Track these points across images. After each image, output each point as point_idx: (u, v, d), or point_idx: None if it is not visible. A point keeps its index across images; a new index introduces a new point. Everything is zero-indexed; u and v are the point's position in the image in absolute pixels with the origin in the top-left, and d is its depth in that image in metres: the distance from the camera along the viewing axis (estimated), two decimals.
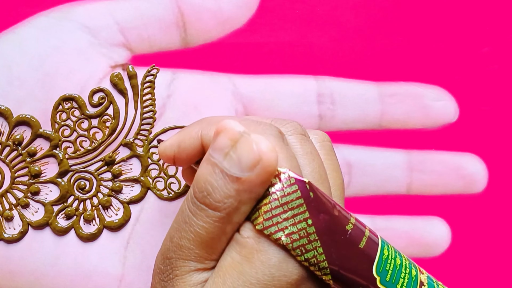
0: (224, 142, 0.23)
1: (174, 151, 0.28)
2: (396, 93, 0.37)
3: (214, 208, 0.23)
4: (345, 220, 0.23)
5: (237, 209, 0.23)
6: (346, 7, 0.36)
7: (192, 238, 0.23)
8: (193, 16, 0.35)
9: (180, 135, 0.28)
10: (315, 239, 0.22)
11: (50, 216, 0.34)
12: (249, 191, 0.22)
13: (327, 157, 0.28)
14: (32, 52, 0.33)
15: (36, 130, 0.33)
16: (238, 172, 0.22)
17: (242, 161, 0.22)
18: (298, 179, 0.23)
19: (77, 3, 0.34)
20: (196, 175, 0.23)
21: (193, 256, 0.24)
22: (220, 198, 0.23)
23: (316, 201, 0.23)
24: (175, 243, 0.24)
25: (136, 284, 0.34)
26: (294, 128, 0.27)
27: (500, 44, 0.38)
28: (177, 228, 0.24)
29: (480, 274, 0.38)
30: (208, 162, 0.23)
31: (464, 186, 0.38)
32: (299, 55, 0.36)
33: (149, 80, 0.34)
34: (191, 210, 0.23)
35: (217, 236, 0.23)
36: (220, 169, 0.23)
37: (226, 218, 0.23)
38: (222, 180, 0.23)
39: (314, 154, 0.26)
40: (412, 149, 0.37)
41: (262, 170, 0.22)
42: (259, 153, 0.22)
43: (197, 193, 0.23)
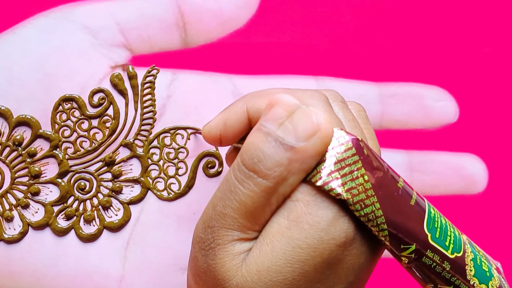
0: (279, 112, 0.23)
1: (220, 130, 0.28)
2: (396, 93, 0.37)
3: (263, 176, 0.22)
4: (396, 178, 0.24)
5: (285, 179, 0.22)
6: (346, 7, 0.36)
7: (236, 207, 0.23)
8: (193, 17, 0.35)
9: (224, 113, 0.28)
10: (372, 194, 0.23)
11: (50, 216, 0.34)
12: (301, 161, 0.22)
13: (364, 126, 0.28)
14: (33, 53, 0.33)
15: (36, 130, 0.33)
16: (293, 141, 0.22)
17: (298, 130, 0.22)
18: (352, 138, 0.23)
19: (78, 4, 0.34)
20: (246, 143, 0.23)
21: (237, 226, 0.23)
22: (271, 165, 0.22)
23: (370, 158, 0.23)
24: (218, 212, 0.24)
25: (136, 284, 0.34)
26: (335, 96, 0.27)
27: (500, 45, 0.38)
28: (221, 196, 0.24)
29: None
30: (259, 131, 0.23)
31: (464, 186, 0.38)
32: (299, 55, 0.36)
33: (149, 80, 0.34)
34: (238, 178, 0.23)
35: (262, 206, 0.23)
36: (274, 137, 0.22)
37: (273, 188, 0.23)
38: (275, 148, 0.22)
39: (355, 121, 0.26)
40: (412, 149, 0.37)
41: (319, 140, 0.22)
42: (318, 123, 0.22)
43: (246, 160, 0.23)
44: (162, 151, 0.35)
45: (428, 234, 0.24)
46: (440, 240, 0.24)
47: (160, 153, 0.35)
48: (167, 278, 0.35)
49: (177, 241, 0.35)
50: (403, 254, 0.24)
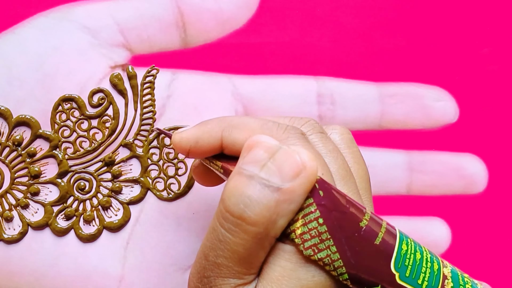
0: (260, 154, 0.22)
1: (190, 145, 0.27)
2: (396, 93, 0.37)
3: (252, 223, 0.22)
4: (360, 215, 0.23)
5: (274, 222, 0.22)
6: (346, 7, 0.36)
7: (229, 256, 0.23)
8: (193, 17, 0.35)
9: (198, 130, 0.27)
10: (327, 237, 0.22)
11: (49, 216, 0.34)
12: (289, 202, 0.22)
13: (348, 151, 0.28)
14: (32, 53, 0.33)
15: (35, 130, 0.33)
16: (279, 182, 0.22)
17: (283, 171, 0.22)
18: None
19: (77, 4, 0.34)
20: (227, 189, 0.23)
21: (232, 274, 0.23)
22: (259, 210, 0.22)
23: (327, 199, 0.22)
24: (211, 262, 0.23)
25: (136, 284, 0.34)
26: (313, 127, 0.27)
27: (500, 45, 0.38)
28: (211, 246, 0.23)
29: (480, 274, 0.38)
30: (241, 175, 0.22)
31: (464, 186, 0.38)
32: (299, 55, 0.36)
33: (149, 80, 0.34)
34: (225, 227, 0.22)
35: (255, 251, 0.22)
36: (257, 180, 0.22)
37: (263, 233, 0.22)
38: (261, 191, 0.22)
39: (336, 151, 0.26)
40: (412, 149, 0.37)
41: (305, 178, 0.22)
42: (302, 162, 0.22)
43: (231, 207, 0.22)
44: (162, 151, 0.35)
45: (395, 273, 0.23)
46: (410, 279, 0.23)
47: (160, 153, 0.35)
48: (167, 278, 0.34)
49: (177, 241, 0.35)
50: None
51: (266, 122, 0.26)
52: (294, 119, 0.27)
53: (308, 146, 0.24)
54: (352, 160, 0.27)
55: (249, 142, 0.23)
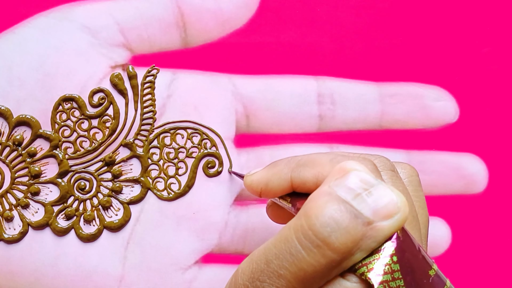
0: (355, 182, 0.22)
1: (261, 188, 0.28)
2: (396, 93, 0.37)
3: (333, 249, 0.21)
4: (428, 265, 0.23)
5: (352, 254, 0.21)
6: (346, 7, 0.36)
7: (295, 272, 0.22)
8: (193, 16, 0.35)
9: (268, 172, 0.28)
10: (399, 277, 0.21)
11: (50, 216, 0.34)
12: (373, 239, 0.21)
13: (415, 193, 0.27)
14: (32, 53, 0.33)
15: (36, 130, 0.33)
16: (371, 217, 0.21)
17: (378, 207, 0.21)
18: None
19: (77, 3, 0.34)
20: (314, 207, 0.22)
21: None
22: (345, 239, 0.21)
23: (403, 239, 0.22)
24: (272, 269, 0.22)
25: (136, 284, 0.34)
26: (384, 164, 0.26)
27: (500, 44, 0.38)
28: (277, 254, 0.22)
29: (480, 274, 0.38)
30: (331, 196, 0.22)
31: (464, 186, 0.38)
32: (299, 55, 0.36)
33: (149, 80, 0.34)
34: (303, 244, 0.21)
35: (320, 276, 0.22)
36: (349, 208, 0.21)
37: (338, 262, 0.21)
38: (351, 220, 0.21)
39: (406, 193, 0.25)
40: (412, 149, 0.37)
41: (397, 222, 0.21)
42: (399, 205, 0.21)
43: (317, 227, 0.21)
44: (162, 151, 0.35)
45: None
46: None
47: (160, 153, 0.35)
48: (167, 278, 0.35)
49: (177, 241, 0.35)
50: None
51: (336, 156, 0.25)
52: (364, 154, 0.27)
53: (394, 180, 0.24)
54: (417, 205, 0.27)
55: (343, 166, 0.23)
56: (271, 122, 0.36)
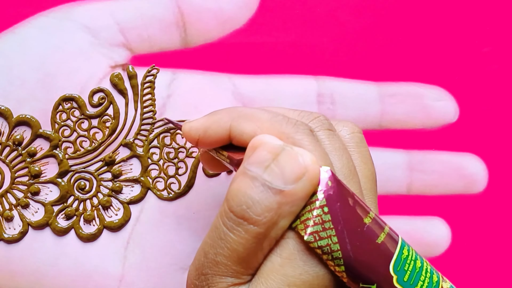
0: (264, 155, 0.23)
1: (199, 135, 0.28)
2: (396, 93, 0.37)
3: (253, 223, 0.22)
4: (364, 213, 0.23)
5: (276, 223, 0.22)
6: (346, 7, 0.36)
7: (228, 254, 0.23)
8: (193, 16, 0.35)
9: (207, 120, 0.27)
10: (330, 227, 0.22)
11: (50, 216, 0.34)
12: (291, 204, 0.22)
13: (356, 149, 0.28)
14: (32, 52, 0.33)
15: (36, 130, 0.33)
16: (282, 185, 0.22)
17: (286, 173, 0.22)
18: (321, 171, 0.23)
19: (77, 3, 0.34)
20: (232, 189, 0.23)
21: (230, 272, 0.23)
22: (261, 211, 0.22)
23: (334, 189, 0.23)
24: (210, 259, 0.23)
25: (136, 283, 0.34)
26: (322, 124, 0.27)
27: (500, 44, 0.38)
28: (211, 244, 0.23)
29: (480, 274, 0.38)
30: (245, 175, 0.23)
31: (464, 186, 0.38)
32: (299, 55, 0.36)
33: (149, 80, 0.34)
34: (227, 226, 0.23)
35: (254, 251, 0.23)
36: (261, 181, 0.22)
37: (264, 233, 0.22)
38: (263, 193, 0.22)
39: (343, 149, 0.26)
40: (412, 149, 0.37)
41: (307, 181, 0.22)
42: (305, 165, 0.22)
43: (234, 207, 0.23)
44: (162, 151, 0.35)
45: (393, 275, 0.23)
46: (408, 284, 0.23)
47: (160, 152, 0.35)
48: (167, 278, 0.35)
49: (177, 241, 0.35)
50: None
51: (276, 115, 0.26)
52: (304, 113, 0.27)
53: (314, 143, 0.24)
54: (359, 160, 0.27)
55: (253, 142, 0.23)
56: None
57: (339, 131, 0.28)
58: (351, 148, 0.28)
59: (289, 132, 0.24)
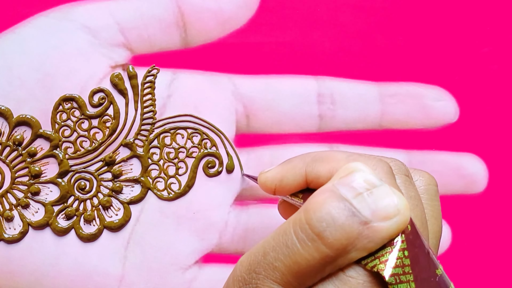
0: (359, 182, 0.22)
1: (276, 184, 0.28)
2: (396, 93, 0.37)
3: (326, 244, 0.21)
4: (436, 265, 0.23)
5: (347, 252, 0.21)
6: (346, 7, 0.36)
7: (289, 264, 0.22)
8: (193, 16, 0.35)
9: (282, 169, 0.28)
10: (409, 272, 0.22)
11: (50, 216, 0.34)
12: (370, 240, 0.21)
13: (430, 203, 0.27)
14: (32, 52, 0.33)
15: (36, 130, 0.33)
16: (370, 217, 0.21)
17: (378, 208, 0.21)
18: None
19: (77, 3, 0.34)
20: (315, 202, 0.22)
21: (283, 282, 0.22)
22: (339, 236, 0.21)
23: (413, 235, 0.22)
24: (268, 261, 0.23)
25: (136, 283, 0.34)
26: (399, 168, 0.26)
27: (500, 44, 0.38)
28: (274, 247, 0.23)
29: (480, 274, 0.38)
30: (332, 194, 0.22)
31: (464, 186, 0.38)
32: (299, 55, 0.36)
33: (149, 80, 0.34)
34: (298, 237, 0.22)
35: (314, 272, 0.22)
36: (348, 206, 0.21)
37: (333, 258, 0.21)
38: (348, 218, 0.21)
39: (417, 199, 0.25)
40: (412, 149, 0.37)
41: (396, 224, 0.21)
42: (399, 207, 0.22)
43: (313, 221, 0.22)
44: (162, 151, 0.35)
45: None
46: None
47: (160, 152, 0.35)
48: (167, 278, 0.35)
49: (177, 241, 0.35)
50: None
51: (352, 154, 0.25)
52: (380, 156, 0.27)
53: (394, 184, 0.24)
54: (430, 214, 0.27)
55: (349, 166, 0.23)
56: (271, 122, 0.36)
57: (415, 180, 0.28)
58: (424, 200, 0.27)
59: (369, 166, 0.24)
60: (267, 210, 0.36)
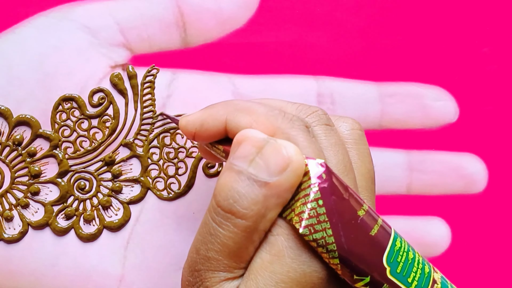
0: (248, 149, 0.23)
1: (196, 128, 0.28)
2: (396, 93, 0.37)
3: (241, 216, 0.22)
4: (357, 206, 0.23)
5: (263, 216, 0.22)
6: (346, 7, 0.36)
7: (219, 249, 0.23)
8: (193, 16, 0.35)
9: (204, 114, 0.27)
10: (324, 220, 0.22)
11: (50, 216, 0.34)
12: (277, 196, 0.22)
13: (355, 146, 0.27)
14: (32, 52, 0.33)
15: (36, 130, 0.33)
16: (267, 177, 0.22)
17: (270, 165, 0.22)
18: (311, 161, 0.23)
19: (77, 3, 0.34)
20: (219, 184, 0.23)
21: (222, 267, 0.23)
22: (248, 204, 0.22)
23: (329, 182, 0.23)
24: (202, 255, 0.24)
25: (136, 284, 0.34)
26: (319, 118, 0.26)
27: (500, 44, 0.38)
28: (202, 240, 0.24)
29: (480, 274, 0.38)
30: (230, 170, 0.23)
31: (464, 186, 0.38)
32: (299, 55, 0.36)
33: (149, 80, 0.34)
34: (216, 221, 0.23)
35: (244, 245, 0.23)
36: (246, 175, 0.22)
37: (252, 226, 0.23)
38: (249, 186, 0.22)
39: (339, 144, 0.26)
40: (412, 149, 0.37)
41: (291, 172, 0.22)
42: (289, 156, 0.22)
43: (221, 202, 0.23)
44: (162, 151, 0.35)
45: (387, 267, 0.23)
46: (401, 276, 0.23)
47: (160, 152, 0.35)
48: (167, 278, 0.35)
49: (177, 241, 0.35)
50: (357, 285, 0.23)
51: (272, 110, 0.25)
52: (302, 107, 0.27)
53: (309, 139, 0.24)
54: (356, 157, 0.27)
55: (238, 137, 0.24)
56: None
57: (339, 126, 0.28)
58: (349, 145, 0.27)
59: (284, 127, 0.24)
60: None
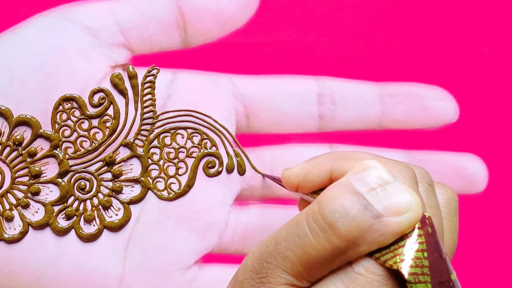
0: (373, 178, 0.22)
1: (299, 180, 0.28)
2: (396, 93, 0.37)
3: (338, 235, 0.22)
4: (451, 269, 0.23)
5: (357, 245, 0.22)
6: (346, 7, 0.36)
7: (299, 254, 0.22)
8: (194, 16, 0.35)
9: (307, 165, 0.28)
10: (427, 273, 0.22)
11: (50, 216, 0.34)
12: (380, 233, 0.22)
13: (448, 217, 0.27)
14: (33, 53, 0.33)
15: (36, 130, 0.33)
16: (382, 211, 0.22)
17: (390, 203, 0.22)
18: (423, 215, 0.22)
19: (77, 3, 0.34)
20: (329, 194, 0.22)
21: (293, 271, 0.23)
22: (350, 227, 0.21)
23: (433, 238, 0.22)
24: (279, 251, 0.23)
25: (136, 284, 0.34)
26: (423, 176, 0.26)
27: (500, 44, 0.38)
28: (286, 237, 0.23)
29: (480, 274, 0.38)
30: (346, 187, 0.22)
31: (465, 186, 0.38)
32: (299, 55, 0.36)
33: (149, 80, 0.34)
34: (311, 227, 0.22)
35: (324, 263, 0.22)
36: (361, 199, 0.22)
37: (343, 250, 0.22)
38: (361, 211, 0.21)
39: (437, 209, 0.25)
40: (412, 149, 0.37)
41: (407, 220, 0.22)
42: (411, 204, 0.22)
43: (325, 211, 0.22)
44: (162, 151, 0.35)
45: None
46: None
47: (160, 152, 0.35)
48: (167, 278, 0.35)
49: (177, 241, 0.35)
50: None
51: (378, 156, 0.26)
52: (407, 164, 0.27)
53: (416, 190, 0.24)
54: (447, 228, 0.27)
55: (364, 163, 0.23)
56: (271, 122, 0.36)
57: (437, 193, 0.27)
58: (443, 214, 0.27)
59: (394, 172, 0.24)
60: (267, 210, 0.36)
